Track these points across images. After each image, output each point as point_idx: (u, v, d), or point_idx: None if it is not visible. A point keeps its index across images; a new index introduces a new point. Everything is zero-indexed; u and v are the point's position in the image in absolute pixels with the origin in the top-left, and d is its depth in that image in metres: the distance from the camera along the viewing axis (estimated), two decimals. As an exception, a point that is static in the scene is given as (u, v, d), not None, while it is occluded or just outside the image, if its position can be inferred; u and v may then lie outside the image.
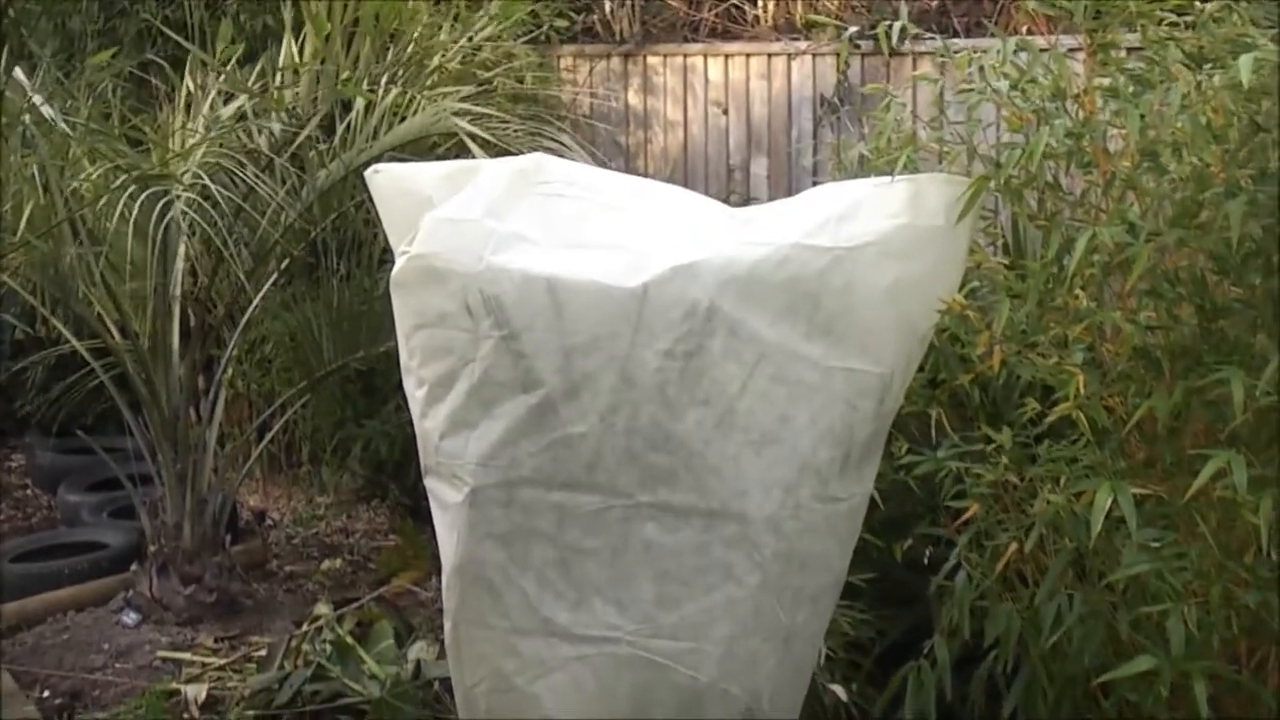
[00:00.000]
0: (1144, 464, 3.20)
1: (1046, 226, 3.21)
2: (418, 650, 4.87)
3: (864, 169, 4.28)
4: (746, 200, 5.90)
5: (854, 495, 3.12)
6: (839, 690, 3.97)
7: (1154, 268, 2.97)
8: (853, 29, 6.02)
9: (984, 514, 3.53)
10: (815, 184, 5.19)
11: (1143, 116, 2.97)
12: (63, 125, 4.90)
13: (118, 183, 4.89)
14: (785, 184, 5.90)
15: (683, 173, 6.46)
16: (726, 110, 6.33)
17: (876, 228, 2.97)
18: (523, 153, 3.72)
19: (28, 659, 5.29)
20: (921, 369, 3.44)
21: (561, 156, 4.03)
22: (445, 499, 3.05)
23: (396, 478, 6.83)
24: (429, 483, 3.13)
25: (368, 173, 3.33)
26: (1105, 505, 2.82)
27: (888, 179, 3.16)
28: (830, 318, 2.92)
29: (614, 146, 6.75)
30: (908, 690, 3.75)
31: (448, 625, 3.16)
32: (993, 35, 4.31)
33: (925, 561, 3.91)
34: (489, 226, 2.96)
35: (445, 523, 3.08)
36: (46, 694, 5.03)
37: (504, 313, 2.86)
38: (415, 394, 3.10)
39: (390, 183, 3.28)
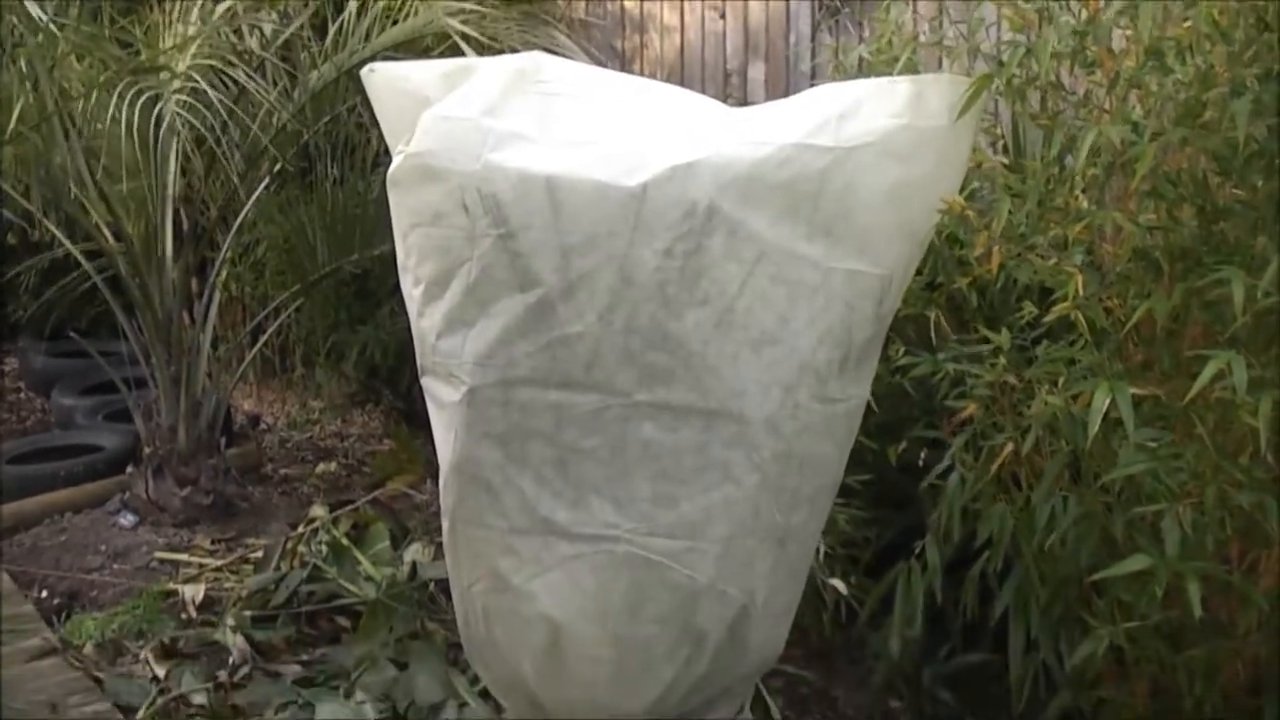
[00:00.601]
0: (1142, 366, 3.20)
1: (1049, 126, 3.19)
2: (413, 552, 4.90)
3: (864, 72, 4.24)
4: (743, 105, 5.85)
5: (852, 397, 3.12)
6: (838, 584, 4.00)
7: (1156, 168, 2.95)
8: (852, -71, 5.94)
9: (981, 416, 3.54)
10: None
11: (1153, 16, 2.93)
12: (51, 25, 4.84)
13: (107, 79, 4.83)
14: (782, 88, 5.84)
15: (679, 77, 6.39)
16: (724, 14, 6.26)
17: (878, 128, 2.94)
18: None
19: (25, 560, 5.32)
20: (919, 272, 3.43)
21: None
22: (442, 398, 3.04)
23: (390, 382, 6.84)
24: (425, 382, 3.12)
25: (364, 72, 3.30)
26: (1103, 406, 2.82)
27: (889, 79, 3.13)
28: (830, 218, 2.90)
29: (610, 51, 6.68)
30: (897, 591, 3.77)
31: (445, 524, 3.17)
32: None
33: (920, 464, 3.92)
34: (486, 125, 2.93)
35: (442, 422, 3.08)
36: (44, 594, 5.06)
37: (501, 211, 2.84)
38: (412, 293, 3.09)
39: (386, 82, 3.24)
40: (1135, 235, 3.02)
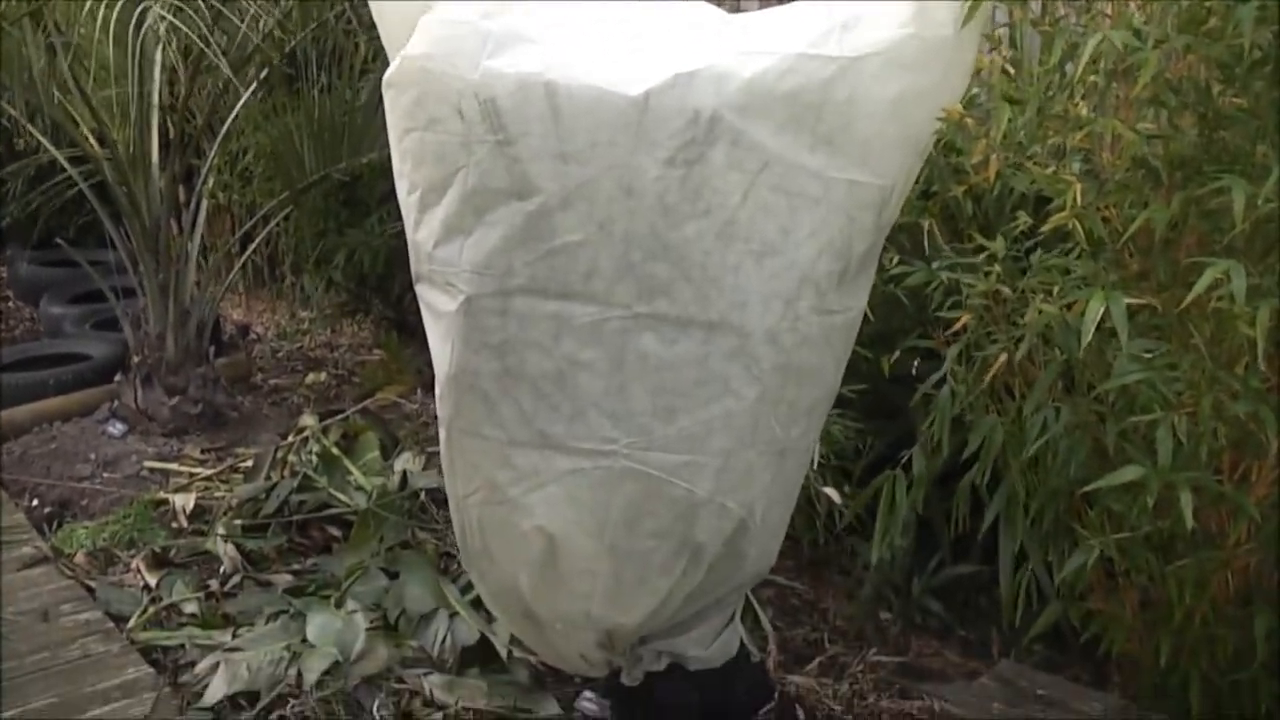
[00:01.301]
0: (1138, 275, 3.19)
1: (1050, 32, 3.15)
2: (404, 461, 4.91)
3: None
4: (737, 11, 5.78)
5: (850, 309, 3.10)
6: (832, 493, 4.02)
7: (1158, 76, 2.92)
8: None
9: (974, 326, 3.53)
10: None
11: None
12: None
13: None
14: (777, -4, 5.76)
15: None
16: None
17: (883, 38, 2.88)
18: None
19: (15, 468, 5.32)
20: (916, 181, 3.41)
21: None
22: (438, 307, 3.01)
23: (380, 291, 6.82)
24: (421, 290, 3.09)
25: (363, -26, 3.24)
26: (1097, 315, 2.81)
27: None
28: (833, 129, 2.86)
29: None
30: (891, 498, 3.79)
31: (442, 434, 3.15)
32: None
33: (913, 375, 3.92)
34: (485, 29, 2.87)
35: (438, 331, 3.05)
36: (35, 503, 5.07)
37: (499, 118, 2.80)
38: (407, 200, 3.04)
39: (385, -15, 3.19)
40: (1135, 144, 3.00)
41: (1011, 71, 3.32)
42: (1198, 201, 2.95)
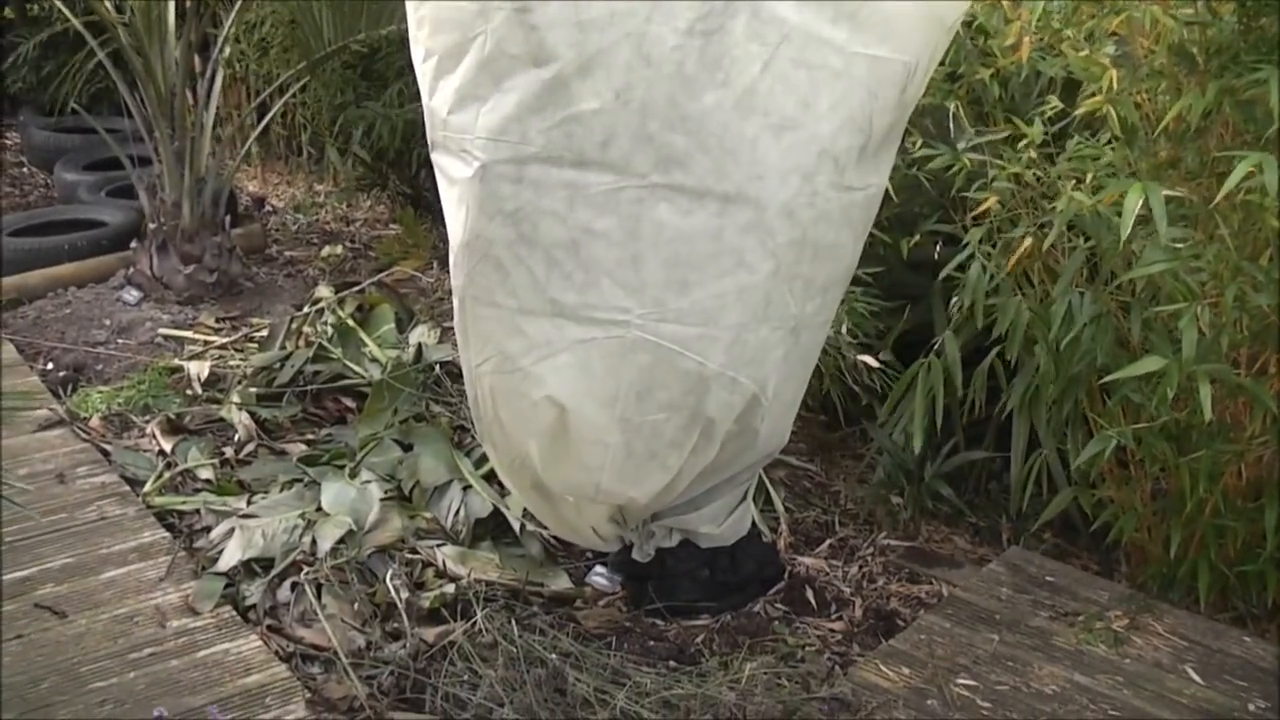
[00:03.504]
0: (1167, 164, 3.14)
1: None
2: (419, 334, 4.90)
3: None
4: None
5: (870, 186, 3.06)
6: (869, 359, 4.00)
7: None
8: None
9: (998, 210, 3.50)
10: None
11: None
12: None
13: None
14: None
15: None
16: None
17: (909, -92, 2.82)
18: None
19: (30, 331, 5.32)
20: (941, 63, 3.35)
21: None
22: (453, 174, 2.98)
23: (396, 166, 6.77)
24: (436, 157, 3.05)
25: None
26: (1136, 206, 2.77)
27: None
28: (856, 3, 2.79)
29: None
30: (917, 383, 3.77)
31: (455, 302, 3.13)
32: None
33: (935, 258, 3.89)
34: (503, -109, 2.81)
35: (453, 198, 3.01)
36: (50, 366, 5.08)
37: (517, -18, 2.75)
38: (422, 67, 2.99)
39: None
40: (1174, 29, 2.94)
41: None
42: (1233, 91, 2.90)
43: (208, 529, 3.81)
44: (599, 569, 3.65)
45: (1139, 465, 3.48)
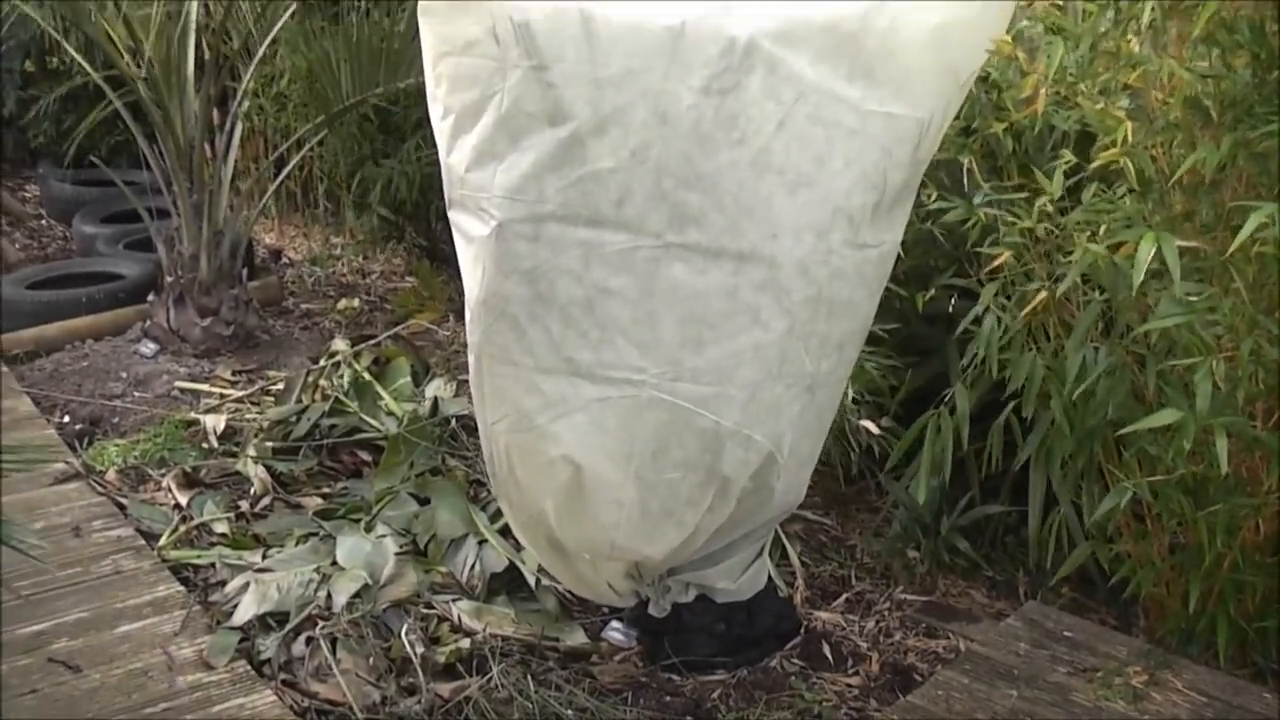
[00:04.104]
0: (1182, 217, 3.15)
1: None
2: (435, 388, 4.91)
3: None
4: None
5: (884, 242, 3.07)
6: (870, 425, 4.00)
7: (1213, 14, 2.86)
8: None
9: (1012, 264, 3.50)
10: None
11: None
12: None
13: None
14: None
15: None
16: None
17: (924, -33, 2.85)
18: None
19: (47, 384, 5.34)
20: (956, 117, 3.36)
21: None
22: (470, 232, 3.00)
23: (414, 219, 6.80)
24: (453, 215, 3.07)
25: (396, -105, 3.21)
26: (1148, 257, 2.77)
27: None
28: (872, 59, 2.82)
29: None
30: (926, 437, 3.77)
31: (471, 359, 3.14)
32: None
33: (950, 312, 3.89)
34: (520, -49, 2.85)
35: (469, 256, 3.03)
36: (66, 419, 5.09)
37: (533, 42, 2.77)
38: (440, 124, 3.02)
39: (420, -93, 3.15)
40: (1189, 83, 2.95)
41: (1063, 4, 3.27)
42: (1247, 143, 2.90)
43: (223, 583, 3.81)
44: (615, 624, 3.64)
45: (1156, 519, 3.46)
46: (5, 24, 5.72)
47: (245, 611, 3.60)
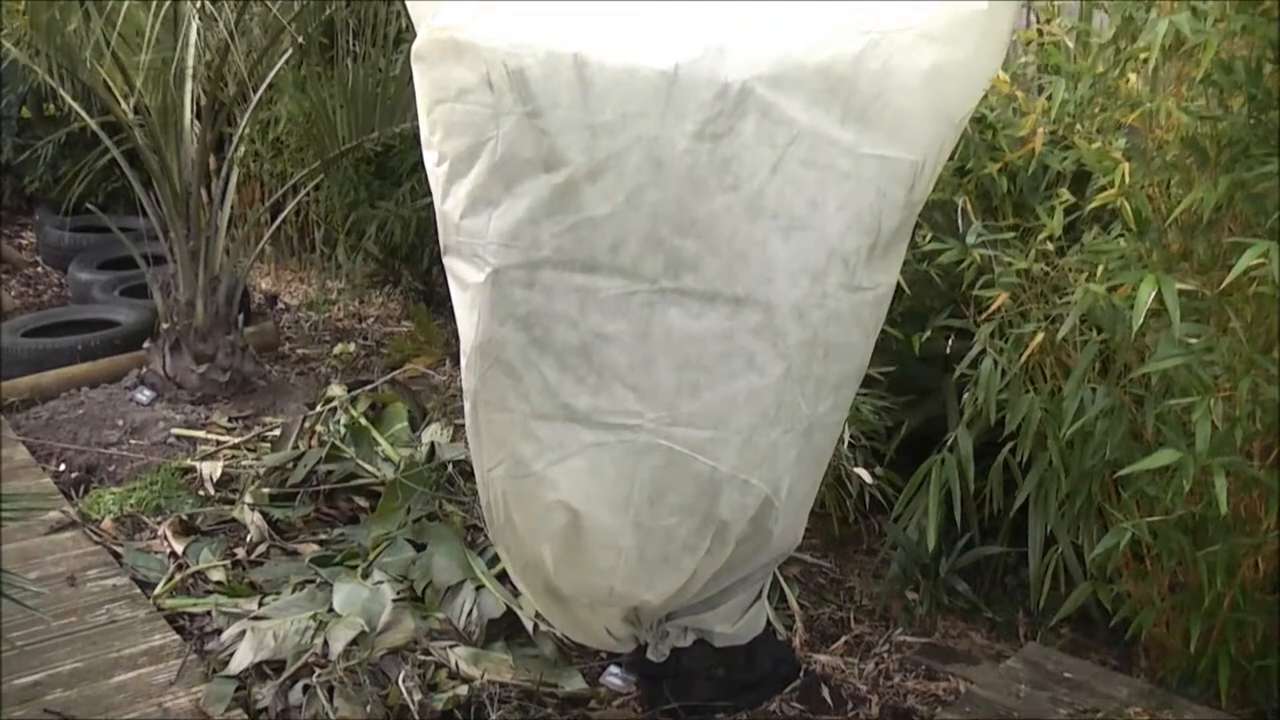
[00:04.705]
0: (1179, 256, 3.15)
1: (1108, 7, 3.11)
2: (432, 433, 4.89)
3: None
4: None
5: (880, 285, 3.06)
6: (863, 473, 3.99)
7: (1214, 55, 2.88)
8: None
9: (1008, 305, 3.50)
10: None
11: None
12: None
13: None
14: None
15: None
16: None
17: (916, 10, 2.84)
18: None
19: (43, 432, 5.33)
20: (950, 157, 3.37)
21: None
22: (465, 278, 2.99)
23: (409, 263, 6.81)
24: (448, 261, 3.07)
25: (389, -58, 3.22)
26: (1148, 298, 2.77)
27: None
28: (865, 102, 2.82)
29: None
30: (930, 480, 3.76)
31: (467, 406, 3.13)
32: None
33: (946, 352, 3.89)
34: (515, -1, 2.86)
35: (465, 302, 3.03)
36: (62, 467, 5.08)
37: (527, 88, 2.77)
38: (435, 171, 3.02)
39: (413, -47, 3.16)
40: (1187, 123, 2.95)
41: (1070, 45, 3.29)
42: (1244, 184, 2.91)
43: (219, 631, 3.80)
44: (613, 669, 3.62)
45: (1156, 559, 3.45)
46: (1, 71, 5.73)
47: (241, 659, 3.58)
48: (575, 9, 2.86)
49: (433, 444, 4.66)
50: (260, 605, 3.90)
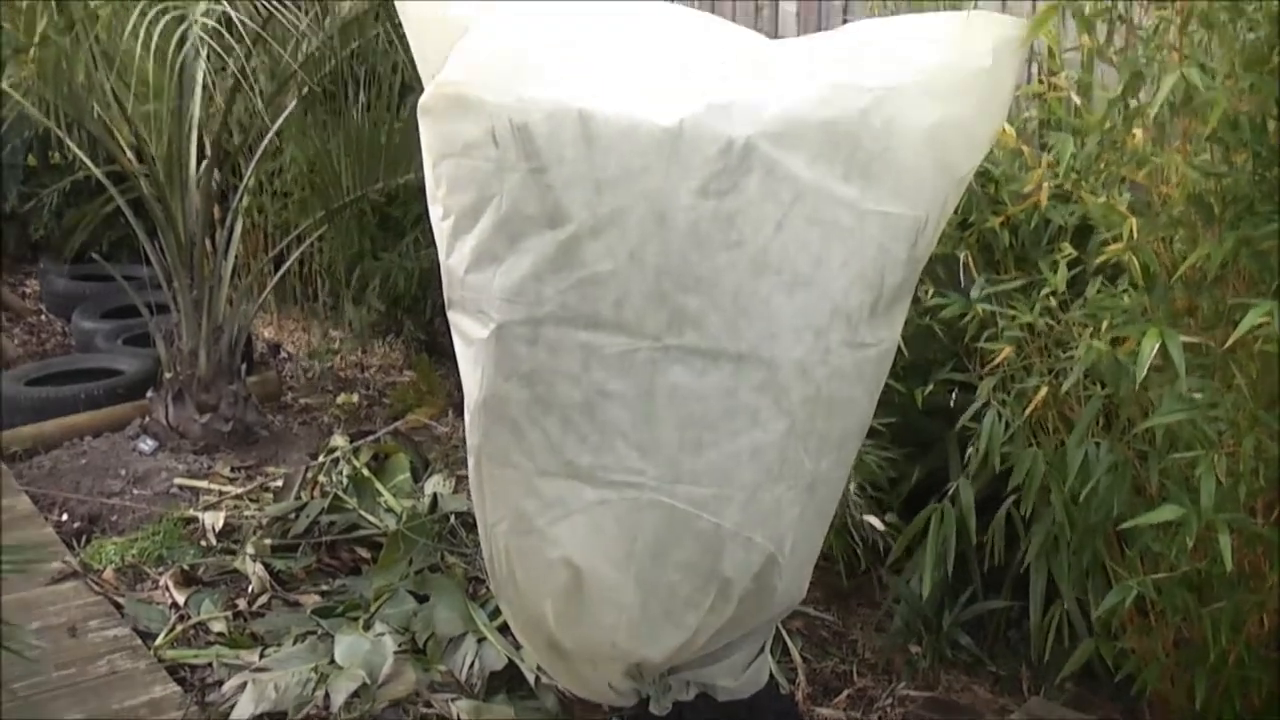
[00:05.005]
0: (1184, 312, 3.16)
1: (1116, 62, 3.12)
2: (434, 484, 4.90)
3: (901, 8, 4.18)
4: (774, 38, 5.76)
5: (883, 341, 3.07)
6: (874, 520, 3.98)
7: (1223, 112, 2.89)
8: None
9: (1013, 358, 3.51)
10: (846, 22, 5.10)
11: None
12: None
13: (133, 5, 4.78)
14: (815, 21, 5.75)
15: (710, 9, 6.31)
16: (755, -57, 6.15)
17: (919, 67, 2.86)
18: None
19: (45, 482, 5.33)
20: (954, 211, 3.38)
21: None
22: (469, 333, 3.00)
23: (412, 313, 6.82)
24: (452, 316, 3.07)
25: (398, -2, 3.24)
26: (1151, 352, 2.77)
27: (931, 15, 3.07)
28: (868, 159, 2.83)
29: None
30: (930, 531, 3.75)
31: (471, 461, 3.13)
32: None
33: (951, 405, 3.89)
34: (520, 54, 2.86)
35: (469, 357, 3.03)
36: (65, 517, 5.07)
37: (532, 144, 2.78)
38: (440, 225, 3.03)
39: (420, 8, 3.17)
40: (1196, 179, 2.96)
41: (1078, 101, 3.30)
42: (1249, 241, 2.91)
43: (220, 682, 3.79)
44: (615, 723, 3.61)
45: (1160, 614, 3.44)
46: (7, 120, 5.75)
47: (243, 711, 3.58)
48: (581, 64, 2.88)
49: (435, 495, 4.66)
50: (262, 656, 3.89)
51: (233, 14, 4.86)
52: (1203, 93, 2.83)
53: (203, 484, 5.30)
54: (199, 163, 5.63)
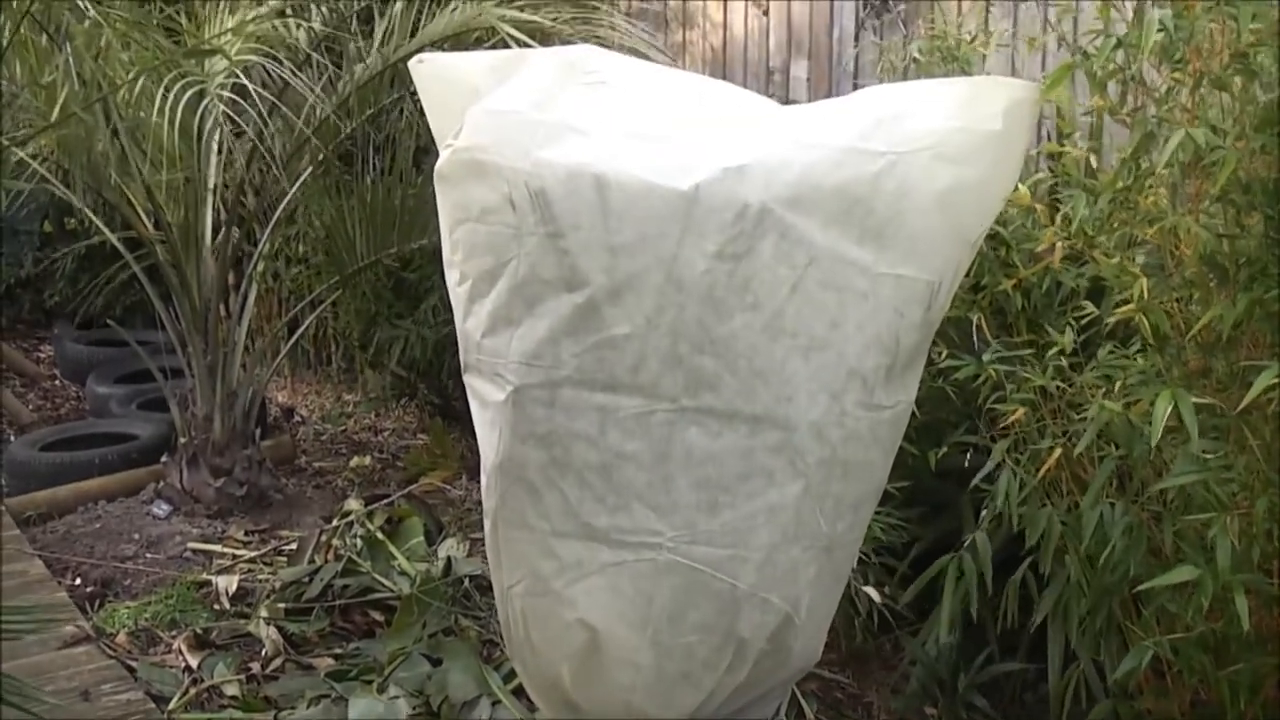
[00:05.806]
0: (1197, 374, 3.17)
1: (1129, 122, 3.15)
2: (448, 547, 4.90)
3: (911, 73, 4.22)
4: (786, 103, 5.82)
5: (898, 403, 3.08)
6: (872, 593, 3.98)
7: (1231, 173, 2.91)
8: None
9: (1026, 420, 3.51)
10: (856, 88, 5.15)
11: (1254, 15, 2.87)
12: (94, 13, 4.85)
13: (151, 67, 4.83)
14: (826, 87, 5.81)
15: (721, 75, 6.37)
16: (766, 10, 6.23)
17: (931, 131, 2.89)
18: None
19: (59, 546, 5.33)
20: (966, 275, 3.41)
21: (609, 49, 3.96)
22: (486, 397, 3.02)
23: (426, 377, 6.84)
24: (469, 380, 3.09)
25: (412, 63, 3.27)
26: (1165, 414, 2.78)
27: (942, 80, 3.10)
28: (882, 223, 2.85)
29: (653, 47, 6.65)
30: (945, 586, 3.74)
31: (487, 524, 3.14)
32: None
33: (965, 467, 3.89)
34: (535, 119, 2.90)
35: (485, 421, 3.05)
36: (78, 581, 5.08)
37: (549, 209, 2.81)
38: (457, 290, 3.06)
39: (435, 73, 3.22)
40: (1208, 241, 2.98)
41: (1094, 162, 3.33)
42: (1262, 303, 2.93)
43: (234, 748, 3.78)
44: (630, 785, 3.59)
45: (1177, 676, 3.43)
46: (26, 190, 5.82)
47: (257, 776, 3.57)
48: (596, 128, 2.91)
49: (449, 558, 4.66)
50: (275, 720, 3.88)
51: (248, 84, 4.91)
52: (1209, 153, 2.85)
53: (216, 548, 5.31)
54: (214, 229, 5.68)
